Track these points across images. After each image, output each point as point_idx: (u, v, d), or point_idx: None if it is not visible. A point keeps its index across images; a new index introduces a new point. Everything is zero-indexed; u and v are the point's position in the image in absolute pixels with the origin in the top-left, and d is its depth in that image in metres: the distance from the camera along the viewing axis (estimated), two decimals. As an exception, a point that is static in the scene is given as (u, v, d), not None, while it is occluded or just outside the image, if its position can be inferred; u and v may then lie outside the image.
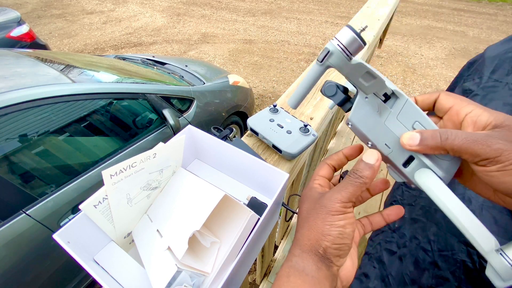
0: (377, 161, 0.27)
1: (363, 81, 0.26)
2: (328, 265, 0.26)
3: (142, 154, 0.43)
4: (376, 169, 0.27)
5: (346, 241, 0.26)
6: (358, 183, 0.26)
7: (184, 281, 0.39)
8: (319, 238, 0.26)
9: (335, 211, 0.26)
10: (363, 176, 0.26)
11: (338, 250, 0.26)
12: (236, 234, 0.44)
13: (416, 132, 0.25)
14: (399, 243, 0.57)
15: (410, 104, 0.26)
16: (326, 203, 0.27)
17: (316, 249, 0.26)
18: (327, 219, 0.26)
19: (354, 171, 0.27)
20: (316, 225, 0.27)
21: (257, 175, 0.53)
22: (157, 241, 0.44)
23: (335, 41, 0.25)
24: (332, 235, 0.26)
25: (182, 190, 0.49)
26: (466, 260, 0.43)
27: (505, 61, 0.66)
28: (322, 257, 0.26)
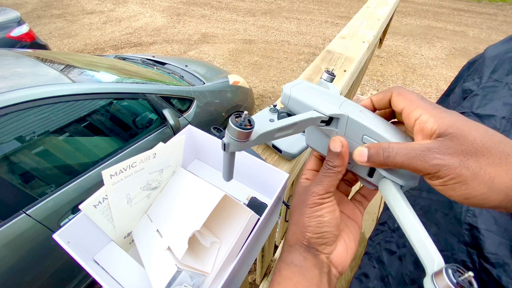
0: (342, 146, 0.27)
1: (289, 130, 0.26)
2: (314, 254, 0.28)
3: (142, 154, 0.44)
4: (344, 155, 0.27)
5: (326, 229, 0.27)
6: (331, 173, 0.27)
7: (184, 281, 0.39)
8: (301, 230, 0.28)
9: (312, 204, 0.27)
10: (334, 166, 0.27)
11: (321, 239, 0.27)
12: (236, 234, 0.44)
13: (365, 147, 0.25)
14: (398, 243, 0.57)
15: (352, 120, 0.26)
16: (304, 197, 0.28)
17: (301, 241, 0.28)
18: (306, 212, 0.28)
19: (326, 162, 0.28)
20: (299, 219, 0.28)
21: (257, 175, 0.53)
22: (157, 241, 0.44)
23: (227, 134, 0.23)
24: (312, 226, 0.27)
25: (182, 190, 0.49)
26: (466, 260, 0.43)
27: (505, 61, 0.66)
28: (307, 247, 0.28)
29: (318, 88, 0.30)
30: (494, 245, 0.40)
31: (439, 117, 0.22)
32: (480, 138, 0.20)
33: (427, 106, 0.23)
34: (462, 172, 0.20)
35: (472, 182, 0.20)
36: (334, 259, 0.29)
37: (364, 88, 3.30)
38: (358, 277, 0.66)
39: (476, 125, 0.21)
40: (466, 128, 0.21)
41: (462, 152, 0.20)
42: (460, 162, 0.20)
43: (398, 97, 0.25)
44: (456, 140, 0.20)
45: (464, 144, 0.20)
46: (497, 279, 0.37)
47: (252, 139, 0.23)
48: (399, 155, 0.22)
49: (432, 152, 0.21)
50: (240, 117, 0.22)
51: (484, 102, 0.61)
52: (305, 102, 0.28)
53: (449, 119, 0.21)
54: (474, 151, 0.20)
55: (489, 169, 0.19)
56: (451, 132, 0.21)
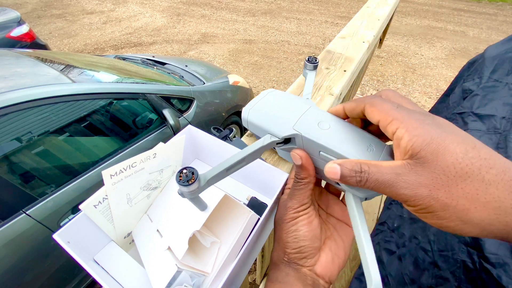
0: (302, 158, 0.27)
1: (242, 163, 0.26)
2: (296, 268, 0.27)
3: (142, 154, 0.44)
4: (307, 165, 0.27)
5: (303, 243, 0.27)
6: (301, 185, 0.27)
7: (184, 281, 0.39)
8: (282, 247, 0.28)
9: (288, 219, 0.28)
10: (301, 178, 0.27)
11: (299, 253, 0.27)
12: (236, 234, 0.44)
13: (336, 164, 0.23)
14: (398, 243, 0.57)
15: (306, 138, 0.26)
16: (282, 213, 0.29)
17: (282, 258, 0.28)
18: (284, 228, 0.28)
19: (295, 175, 0.28)
20: (278, 236, 0.29)
21: (257, 175, 0.53)
22: (157, 241, 0.44)
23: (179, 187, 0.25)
24: (289, 241, 0.27)
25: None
26: (466, 260, 0.43)
27: (505, 61, 0.66)
28: (288, 263, 0.28)
29: (281, 100, 0.30)
30: (494, 245, 0.40)
31: (414, 133, 0.19)
32: (456, 163, 0.17)
33: (404, 118, 0.20)
34: (431, 203, 0.18)
35: (443, 213, 0.18)
36: (318, 270, 0.28)
37: (364, 88, 3.30)
38: (358, 277, 0.66)
39: (456, 144, 0.18)
40: (442, 149, 0.18)
41: (432, 181, 0.18)
42: (428, 193, 0.18)
43: (372, 109, 0.23)
44: (427, 166, 0.18)
45: (435, 172, 0.18)
46: (497, 279, 0.37)
47: (202, 185, 0.24)
48: (370, 181, 0.21)
49: (400, 180, 0.19)
50: (182, 174, 0.23)
51: (484, 102, 0.61)
52: (260, 126, 0.28)
53: (424, 137, 0.19)
54: (445, 180, 0.17)
55: (463, 201, 0.17)
56: (423, 155, 0.18)
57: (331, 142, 0.25)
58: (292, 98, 0.30)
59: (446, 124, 0.20)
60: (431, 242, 0.49)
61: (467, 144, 0.18)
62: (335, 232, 0.30)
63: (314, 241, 0.27)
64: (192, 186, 0.23)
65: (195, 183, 0.23)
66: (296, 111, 0.28)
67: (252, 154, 0.26)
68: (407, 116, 0.20)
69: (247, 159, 0.26)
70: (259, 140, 0.27)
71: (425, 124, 0.19)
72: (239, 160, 0.25)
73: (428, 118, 0.20)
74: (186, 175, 0.24)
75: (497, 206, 0.17)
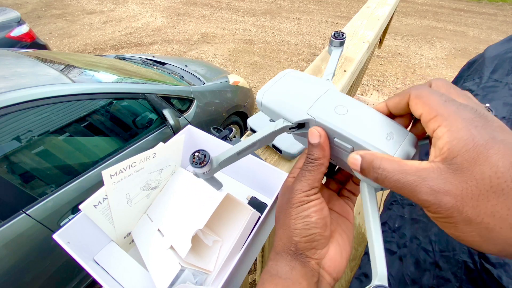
0: (320, 137, 0.24)
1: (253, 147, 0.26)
2: (303, 262, 0.25)
3: (142, 154, 0.44)
4: (324, 145, 0.25)
5: (314, 231, 0.24)
6: (313, 166, 0.25)
7: (187, 279, 0.39)
8: (288, 234, 0.25)
9: (298, 203, 0.25)
10: (315, 158, 0.25)
11: (309, 243, 0.24)
12: (237, 233, 0.44)
13: (359, 155, 0.22)
14: (399, 243, 0.57)
15: (320, 124, 0.25)
16: (289, 197, 0.26)
17: (288, 247, 0.25)
18: (292, 213, 0.25)
19: (307, 156, 0.26)
20: (285, 222, 0.25)
21: (257, 175, 0.53)
22: (158, 241, 0.44)
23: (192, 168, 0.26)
24: (298, 228, 0.24)
25: (183, 189, 0.49)
26: (468, 261, 0.43)
27: (505, 61, 0.66)
28: (295, 254, 0.25)
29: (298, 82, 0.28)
30: (495, 245, 0.40)
31: (456, 135, 0.17)
32: (494, 177, 0.15)
33: (450, 115, 0.18)
34: (454, 215, 0.16)
35: (464, 227, 0.17)
36: (327, 264, 0.25)
37: (364, 88, 3.30)
38: (358, 277, 0.66)
39: (501, 155, 0.15)
40: (483, 159, 0.16)
41: (461, 192, 0.16)
42: (453, 203, 0.16)
43: (416, 101, 0.20)
44: (460, 174, 0.16)
45: (468, 182, 0.16)
46: (497, 279, 0.37)
47: (214, 167, 0.25)
48: (389, 180, 0.19)
49: (424, 185, 0.17)
50: (195, 156, 0.24)
51: (484, 102, 0.61)
52: (274, 110, 0.27)
53: (467, 141, 0.16)
54: (476, 193, 0.16)
55: (489, 219, 0.16)
56: (458, 162, 0.16)
57: (346, 129, 0.23)
58: (311, 79, 0.28)
59: (500, 130, 0.17)
60: (432, 243, 0.49)
61: (509, 159, 0.15)
62: (338, 226, 0.28)
63: (325, 229, 0.25)
64: (204, 168, 0.24)
65: (207, 165, 0.24)
66: (312, 94, 0.26)
67: (264, 138, 0.26)
68: (455, 113, 0.18)
69: (258, 144, 0.26)
70: (271, 124, 0.26)
71: (472, 126, 0.17)
72: (251, 144, 0.25)
73: (480, 119, 0.17)
74: (198, 157, 0.24)
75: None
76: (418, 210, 0.58)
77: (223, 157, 0.25)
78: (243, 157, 0.27)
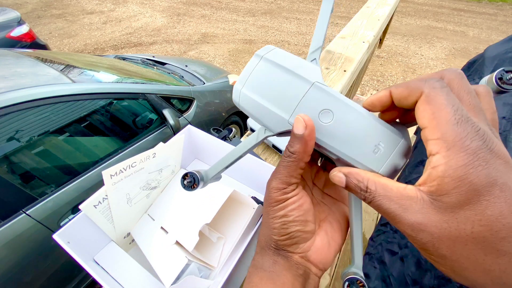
0: (305, 128, 0.21)
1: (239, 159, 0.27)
2: (286, 256, 0.24)
3: (142, 154, 0.44)
4: (308, 139, 0.21)
5: (293, 229, 0.23)
6: (290, 162, 0.22)
7: (193, 273, 0.40)
8: (268, 233, 0.25)
9: (274, 202, 0.23)
10: (293, 152, 0.22)
11: (289, 239, 0.24)
12: (240, 230, 0.45)
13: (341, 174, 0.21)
14: (400, 243, 0.57)
15: None
16: (267, 194, 0.24)
17: (269, 244, 0.25)
18: (270, 212, 0.24)
19: (286, 146, 0.23)
20: (265, 220, 0.25)
21: (257, 175, 0.53)
22: (162, 238, 0.44)
23: None
24: (276, 228, 0.24)
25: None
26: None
27: (505, 61, 0.66)
28: (276, 250, 0.25)
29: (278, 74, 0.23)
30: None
31: (452, 172, 0.15)
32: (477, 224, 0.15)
33: (456, 144, 0.15)
34: (429, 249, 0.16)
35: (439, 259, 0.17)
36: (312, 256, 0.25)
37: (364, 88, 3.30)
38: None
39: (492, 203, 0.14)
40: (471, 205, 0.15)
41: (439, 231, 0.16)
42: (429, 240, 0.16)
43: (425, 107, 0.17)
44: (443, 213, 0.15)
45: (448, 223, 0.15)
46: (498, 279, 0.37)
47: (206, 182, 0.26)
48: (374, 203, 0.19)
49: (405, 215, 0.17)
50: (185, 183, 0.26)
51: (484, 102, 0.61)
52: (254, 116, 0.25)
53: (460, 183, 0.15)
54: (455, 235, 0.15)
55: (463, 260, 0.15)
56: (445, 201, 0.15)
57: (330, 141, 0.22)
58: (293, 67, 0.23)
59: (504, 167, 0.15)
60: (431, 242, 0.49)
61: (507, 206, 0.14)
62: (331, 213, 0.27)
63: (306, 225, 0.24)
64: (198, 187, 0.26)
65: (198, 186, 0.26)
66: (294, 94, 0.23)
67: (248, 150, 0.26)
68: (461, 143, 0.15)
69: (244, 155, 0.27)
70: (253, 135, 0.26)
71: (474, 165, 0.15)
72: (237, 158, 0.26)
73: (485, 153, 0.15)
74: (189, 182, 0.26)
75: (498, 276, 0.15)
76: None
77: (212, 173, 0.26)
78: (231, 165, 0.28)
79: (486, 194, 0.15)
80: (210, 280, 0.41)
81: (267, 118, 0.24)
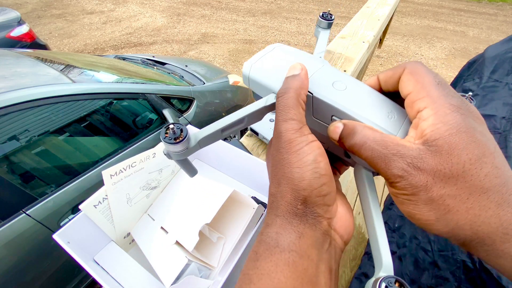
0: (302, 69, 0.21)
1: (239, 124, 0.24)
2: (313, 224, 0.19)
3: (142, 154, 0.44)
4: (304, 77, 0.21)
5: (325, 180, 0.19)
6: (290, 97, 0.20)
7: (193, 273, 0.40)
8: (292, 189, 0.19)
9: (297, 145, 0.19)
10: (290, 86, 0.20)
11: (321, 197, 0.19)
12: (241, 230, 0.45)
13: (341, 123, 0.21)
14: (399, 243, 0.57)
15: (317, 99, 0.22)
16: (279, 142, 0.20)
17: (294, 205, 0.19)
18: (292, 160, 0.19)
19: (280, 90, 0.21)
20: (284, 175, 0.19)
21: (257, 175, 0.53)
22: (162, 238, 0.44)
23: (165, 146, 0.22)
24: (307, 178, 0.18)
25: (187, 188, 0.49)
26: (466, 260, 0.43)
27: (505, 61, 0.66)
28: (304, 214, 0.19)
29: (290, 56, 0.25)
30: (494, 245, 0.40)
31: (442, 119, 0.17)
32: (467, 163, 0.16)
33: (440, 99, 0.18)
34: (420, 194, 0.17)
35: (423, 206, 0.17)
36: (338, 224, 0.21)
37: (364, 88, 3.30)
38: (358, 277, 0.66)
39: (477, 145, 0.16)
40: (462, 145, 0.16)
41: (435, 173, 0.16)
42: (425, 182, 0.17)
43: (409, 77, 0.20)
44: (438, 156, 0.16)
45: (443, 165, 0.16)
46: (497, 279, 0.37)
47: (192, 145, 0.21)
48: (365, 147, 0.19)
49: (401, 159, 0.17)
50: (169, 129, 0.20)
51: (484, 102, 0.61)
52: (264, 84, 0.24)
53: (450, 127, 0.17)
54: (448, 176, 0.16)
55: (450, 201, 0.16)
56: (439, 145, 0.17)
57: (346, 105, 0.21)
58: (303, 54, 0.26)
59: (480, 122, 0.18)
60: (431, 242, 0.49)
61: (489, 147, 0.17)
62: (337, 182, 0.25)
63: (332, 179, 0.20)
64: (179, 145, 0.20)
65: (183, 141, 0.20)
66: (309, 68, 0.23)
67: (252, 114, 0.22)
68: (444, 97, 0.18)
69: (246, 120, 0.23)
70: (261, 99, 0.23)
71: (459, 113, 0.17)
72: (237, 120, 0.22)
73: (465, 107, 0.18)
74: (173, 131, 0.20)
75: (477, 214, 0.16)
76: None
77: (204, 133, 0.21)
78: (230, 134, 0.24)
79: (472, 136, 0.16)
80: (210, 280, 0.41)
81: (279, 81, 0.22)
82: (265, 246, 0.19)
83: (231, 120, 0.22)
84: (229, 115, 0.22)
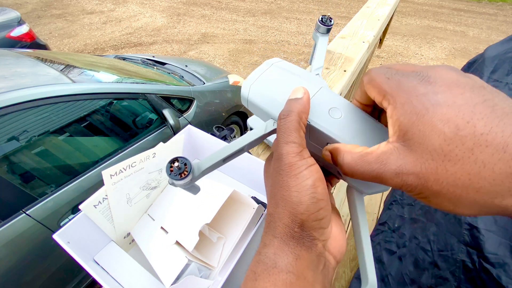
0: (305, 93, 0.22)
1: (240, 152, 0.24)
2: (309, 246, 0.20)
3: (142, 154, 0.44)
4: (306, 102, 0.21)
5: (322, 204, 0.19)
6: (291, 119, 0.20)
7: (193, 273, 0.40)
8: (290, 212, 0.19)
9: (296, 168, 0.19)
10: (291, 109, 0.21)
11: (318, 221, 0.19)
12: (241, 230, 0.45)
13: (327, 152, 0.22)
14: (398, 243, 0.57)
15: (314, 128, 0.23)
16: (279, 164, 0.20)
17: (291, 228, 0.19)
18: (291, 183, 0.19)
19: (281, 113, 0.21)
20: (282, 198, 0.20)
21: (257, 175, 0.53)
22: (162, 238, 0.44)
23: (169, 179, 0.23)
24: (305, 202, 0.19)
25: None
26: (466, 260, 0.43)
27: (505, 61, 0.66)
28: (300, 237, 0.19)
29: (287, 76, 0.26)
30: (494, 245, 0.40)
31: (401, 110, 0.17)
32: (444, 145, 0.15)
33: (393, 91, 0.17)
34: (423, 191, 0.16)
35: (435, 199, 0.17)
36: (332, 245, 0.21)
37: (364, 88, 3.30)
38: (358, 277, 0.66)
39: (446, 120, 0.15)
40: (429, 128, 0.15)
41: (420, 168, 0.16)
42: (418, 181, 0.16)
43: (368, 87, 0.20)
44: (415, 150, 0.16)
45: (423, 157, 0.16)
46: (497, 279, 0.37)
47: (196, 175, 0.22)
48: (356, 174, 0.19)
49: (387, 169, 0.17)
50: (173, 167, 0.21)
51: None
52: (262, 108, 0.24)
53: (411, 114, 0.16)
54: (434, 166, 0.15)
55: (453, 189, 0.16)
56: (410, 137, 0.16)
57: (342, 135, 0.22)
58: (300, 73, 0.26)
59: (445, 89, 0.16)
60: (431, 242, 0.49)
61: (461, 117, 0.15)
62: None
63: (328, 202, 0.20)
64: (185, 179, 0.21)
65: (188, 175, 0.21)
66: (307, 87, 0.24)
67: (253, 142, 0.23)
68: (397, 87, 0.17)
69: (247, 147, 0.23)
70: (260, 126, 0.23)
71: (413, 96, 0.16)
72: (238, 149, 0.23)
73: (422, 84, 0.17)
74: (178, 167, 0.21)
75: (492, 191, 0.14)
76: (417, 210, 0.58)
77: (206, 164, 0.22)
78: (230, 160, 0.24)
79: (435, 114, 0.15)
80: (210, 280, 0.41)
81: (278, 109, 0.23)
82: (263, 266, 0.19)
83: (232, 150, 0.23)
84: (230, 145, 0.23)
